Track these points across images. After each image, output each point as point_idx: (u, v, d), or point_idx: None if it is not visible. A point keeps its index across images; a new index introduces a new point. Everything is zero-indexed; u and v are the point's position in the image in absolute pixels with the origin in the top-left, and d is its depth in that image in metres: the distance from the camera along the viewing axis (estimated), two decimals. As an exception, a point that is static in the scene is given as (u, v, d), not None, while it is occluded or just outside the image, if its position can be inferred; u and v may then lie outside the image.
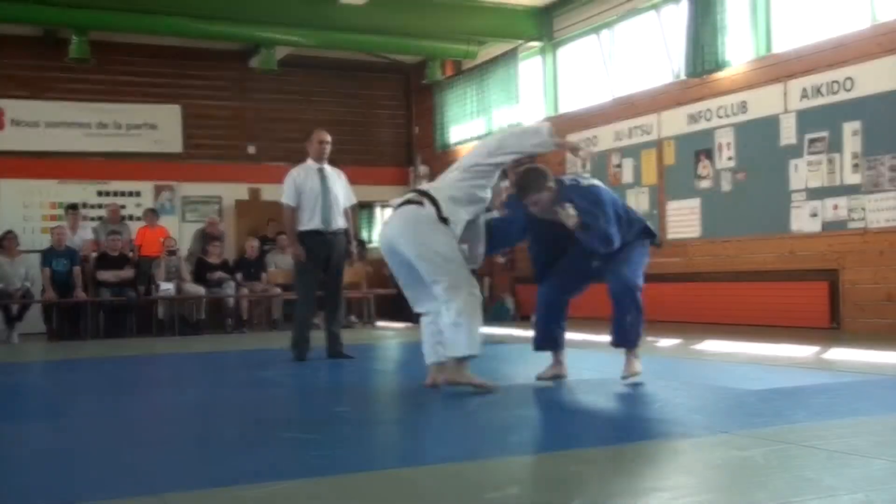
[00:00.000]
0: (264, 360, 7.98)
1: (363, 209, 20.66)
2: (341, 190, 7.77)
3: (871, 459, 3.14)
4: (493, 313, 13.55)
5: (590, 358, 6.93)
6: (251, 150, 15.38)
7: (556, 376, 5.44)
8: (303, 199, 7.57)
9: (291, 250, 7.79)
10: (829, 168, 9.04)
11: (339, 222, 7.72)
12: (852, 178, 8.83)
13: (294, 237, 7.66)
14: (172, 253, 12.79)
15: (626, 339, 5.26)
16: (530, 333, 5.69)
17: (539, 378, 5.45)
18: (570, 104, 13.15)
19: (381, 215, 20.22)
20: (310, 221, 7.59)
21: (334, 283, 7.76)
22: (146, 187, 14.67)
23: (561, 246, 5.34)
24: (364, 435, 4.08)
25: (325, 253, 7.61)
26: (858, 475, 2.92)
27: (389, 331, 12.33)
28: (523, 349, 6.89)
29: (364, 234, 20.09)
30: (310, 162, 7.75)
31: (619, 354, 5.35)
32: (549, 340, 5.48)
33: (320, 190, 7.59)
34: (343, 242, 7.75)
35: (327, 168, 7.76)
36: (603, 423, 4.03)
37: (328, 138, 7.80)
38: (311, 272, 7.65)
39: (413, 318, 14.94)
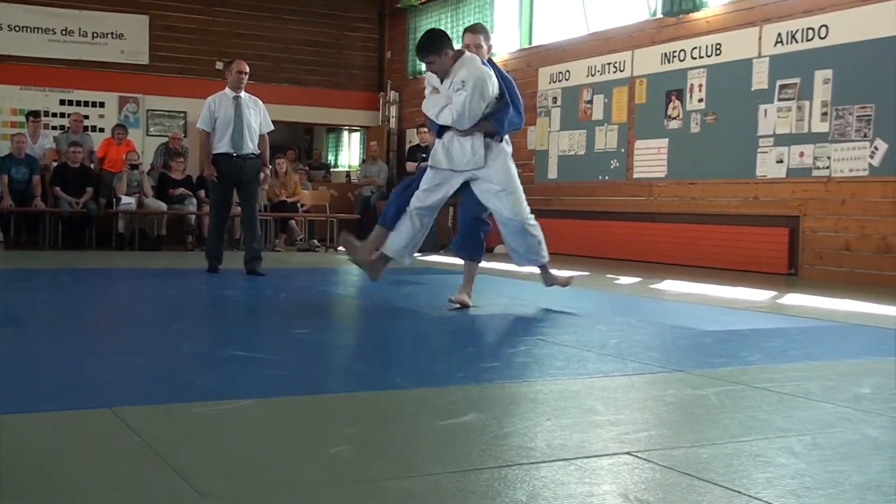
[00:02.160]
0: (224, 278, 7.95)
1: (330, 133, 20.58)
2: (255, 118, 8.38)
3: (820, 403, 3.19)
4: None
5: (551, 292, 6.97)
6: (219, 65, 15.11)
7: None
8: (217, 124, 8.24)
9: (205, 171, 8.51)
10: (797, 115, 9.07)
11: (250, 147, 8.29)
12: (820, 127, 8.87)
13: (208, 159, 8.35)
14: (135, 167, 12.61)
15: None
16: (493, 265, 5.70)
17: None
18: (545, 37, 13.03)
19: (349, 139, 20.09)
20: (221, 145, 8.22)
21: (248, 204, 8.38)
22: (110, 98, 14.42)
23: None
24: (322, 357, 4.09)
25: (236, 175, 8.24)
26: (808, 417, 2.97)
27: (351, 256, 12.31)
28: (484, 280, 6.93)
29: (330, 158, 19.98)
30: (227, 90, 8.36)
31: (579, 289, 5.40)
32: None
33: (233, 116, 8.22)
34: (254, 166, 8.35)
35: (243, 96, 8.36)
36: (560, 356, 4.05)
37: (246, 69, 8.44)
38: (221, 192, 8.33)
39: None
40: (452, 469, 2.30)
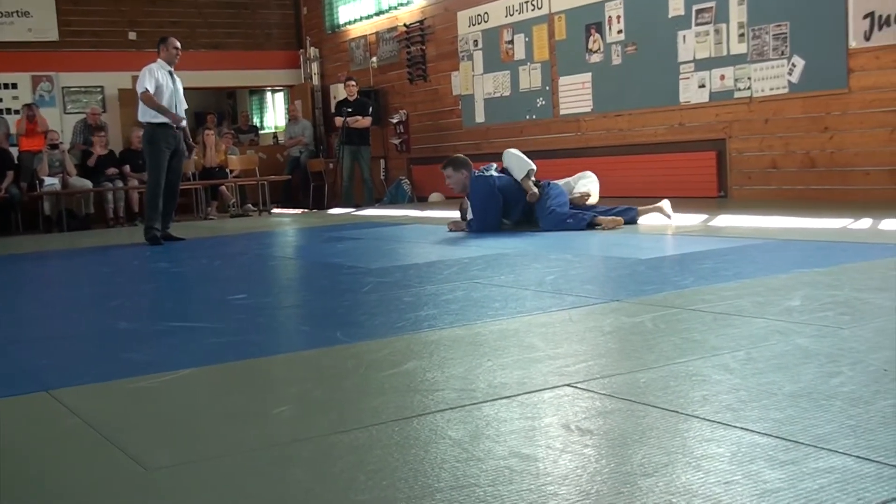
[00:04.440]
0: (156, 251, 7.85)
1: (254, 95, 20.31)
2: (182, 93, 8.58)
3: (752, 319, 3.26)
4: (391, 195, 13.55)
5: (484, 237, 7.00)
6: (132, 36, 14.80)
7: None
8: (158, 93, 8.31)
9: (171, 117, 8.35)
10: (715, 38, 9.14)
11: (184, 121, 8.58)
12: (738, 48, 8.95)
13: (166, 109, 8.31)
14: (55, 147, 12.35)
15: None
16: (428, 214, 5.71)
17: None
18: (460, -20, 12.93)
19: (273, 100, 19.84)
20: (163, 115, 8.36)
21: (177, 176, 8.67)
22: (22, 78, 14.04)
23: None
24: (261, 321, 4.07)
25: (174, 145, 8.46)
26: (741, 334, 3.04)
27: (285, 217, 12.23)
28: (421, 229, 6.94)
29: (255, 121, 19.72)
30: (161, 63, 8.48)
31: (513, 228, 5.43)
32: None
33: (172, 89, 8.38)
34: (182, 140, 8.60)
35: (173, 72, 8.57)
36: (497, 296, 4.08)
37: (179, 45, 8.66)
38: (162, 162, 8.42)
39: (307, 204, 14.88)
40: (395, 418, 2.32)
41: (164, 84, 8.32)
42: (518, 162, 7.39)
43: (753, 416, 2.14)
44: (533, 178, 7.32)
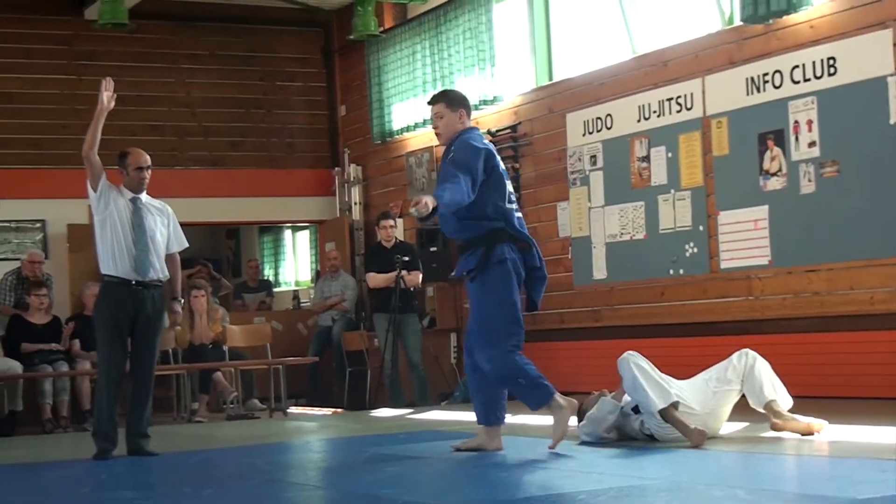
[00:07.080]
0: (118, 469, 7.88)
1: (265, 233, 20.60)
2: (162, 230, 8.55)
3: None
4: (465, 389, 13.33)
5: (602, 455, 6.85)
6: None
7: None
8: (106, 232, 8.34)
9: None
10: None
11: (157, 271, 8.48)
12: None
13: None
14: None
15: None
16: (522, 419, 5.60)
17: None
18: (571, 67, 13.11)
19: (293, 242, 20.10)
20: (112, 265, 8.29)
21: (146, 355, 8.52)
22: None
23: None
24: None
25: (135, 312, 8.34)
26: None
27: (309, 420, 12.18)
28: (510, 444, 6.78)
29: (268, 273, 19.92)
30: (122, 189, 8.62)
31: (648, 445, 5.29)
32: None
33: (131, 225, 8.34)
34: (160, 299, 8.45)
35: (145, 199, 8.66)
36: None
37: (148, 162, 8.66)
38: (115, 336, 8.36)
39: (341, 400, 14.77)
40: None
41: (116, 218, 8.35)
42: (647, 381, 7.37)
43: None
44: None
